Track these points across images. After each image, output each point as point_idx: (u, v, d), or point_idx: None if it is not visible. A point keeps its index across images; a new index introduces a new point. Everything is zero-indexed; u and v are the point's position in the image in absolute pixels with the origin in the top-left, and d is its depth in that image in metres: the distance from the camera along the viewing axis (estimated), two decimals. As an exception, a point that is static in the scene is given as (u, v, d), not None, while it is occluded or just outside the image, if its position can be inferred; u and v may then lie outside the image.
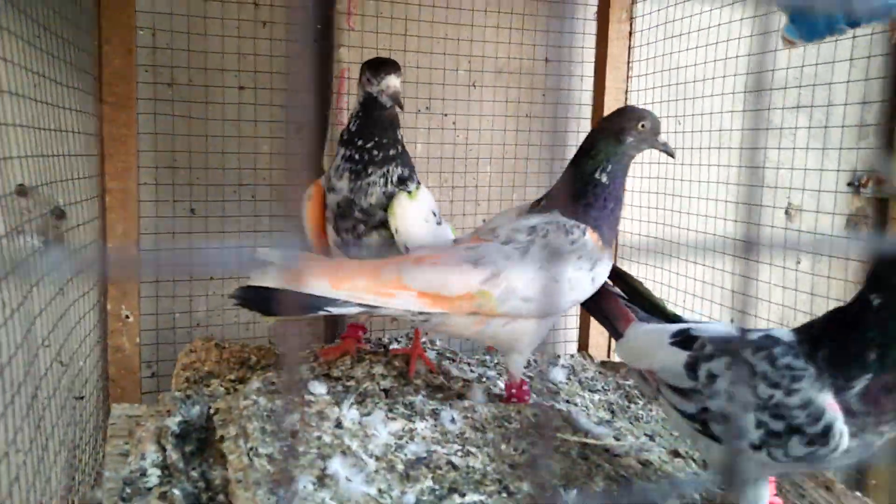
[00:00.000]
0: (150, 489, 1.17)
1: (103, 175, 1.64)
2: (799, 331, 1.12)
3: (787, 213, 2.60)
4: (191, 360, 1.64)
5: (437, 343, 1.99)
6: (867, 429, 1.01)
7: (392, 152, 1.58)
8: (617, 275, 1.52)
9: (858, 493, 1.34)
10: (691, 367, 1.13)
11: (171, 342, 1.91)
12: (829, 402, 1.00)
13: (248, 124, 1.94)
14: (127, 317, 1.69)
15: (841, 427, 0.99)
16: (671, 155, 1.53)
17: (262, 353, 1.79)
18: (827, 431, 0.99)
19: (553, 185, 1.57)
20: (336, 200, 1.58)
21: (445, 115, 2.17)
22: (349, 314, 1.36)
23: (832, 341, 1.03)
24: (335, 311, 1.29)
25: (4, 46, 1.18)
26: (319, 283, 1.27)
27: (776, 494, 1.30)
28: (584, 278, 1.42)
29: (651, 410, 1.74)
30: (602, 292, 1.48)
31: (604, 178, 1.44)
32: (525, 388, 1.60)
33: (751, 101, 2.31)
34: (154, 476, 1.20)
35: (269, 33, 1.95)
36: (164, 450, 1.25)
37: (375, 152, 1.55)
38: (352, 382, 1.58)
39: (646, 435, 1.61)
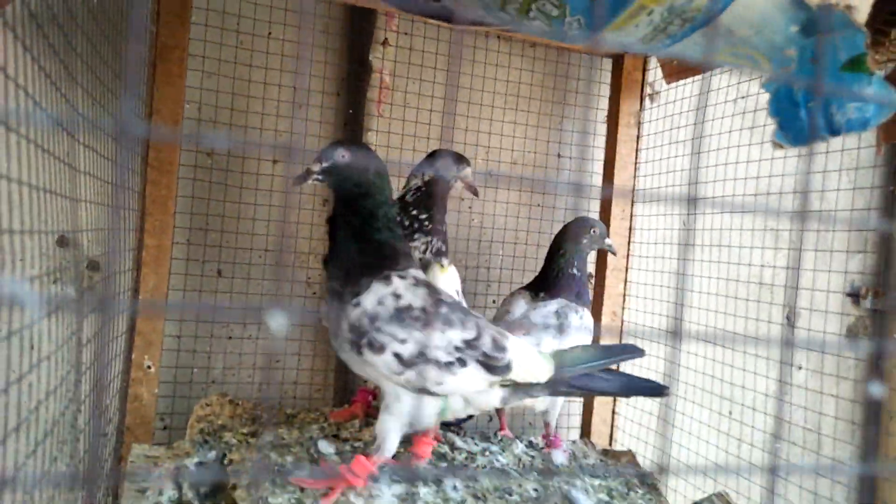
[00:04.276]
0: (165, 523, 1.22)
1: (142, 231, 1.74)
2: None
3: (787, 318, 2.65)
4: (206, 413, 1.70)
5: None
6: None
7: (440, 227, 1.71)
8: None
9: None
10: None
11: (186, 396, 1.96)
12: None
13: (280, 195, 2.07)
14: (149, 367, 1.75)
15: None
16: (614, 254, 2.06)
17: (273, 412, 1.84)
18: None
19: (539, 276, 1.97)
20: None
21: (462, 199, 2.29)
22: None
23: None
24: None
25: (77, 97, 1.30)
26: None
27: None
28: (589, 341, 1.88)
29: (651, 500, 1.76)
30: None
31: (574, 271, 1.90)
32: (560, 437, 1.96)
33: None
34: (170, 510, 1.25)
35: (305, 115, 2.11)
36: (180, 488, 1.30)
37: (427, 223, 1.68)
38: (359, 444, 1.63)
39: (644, 519, 1.64)
